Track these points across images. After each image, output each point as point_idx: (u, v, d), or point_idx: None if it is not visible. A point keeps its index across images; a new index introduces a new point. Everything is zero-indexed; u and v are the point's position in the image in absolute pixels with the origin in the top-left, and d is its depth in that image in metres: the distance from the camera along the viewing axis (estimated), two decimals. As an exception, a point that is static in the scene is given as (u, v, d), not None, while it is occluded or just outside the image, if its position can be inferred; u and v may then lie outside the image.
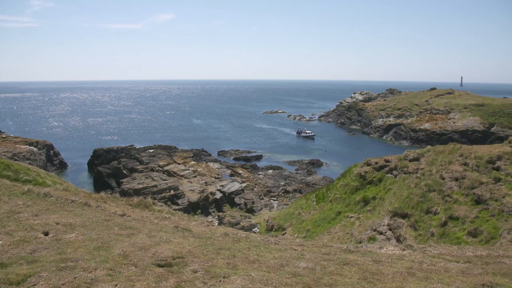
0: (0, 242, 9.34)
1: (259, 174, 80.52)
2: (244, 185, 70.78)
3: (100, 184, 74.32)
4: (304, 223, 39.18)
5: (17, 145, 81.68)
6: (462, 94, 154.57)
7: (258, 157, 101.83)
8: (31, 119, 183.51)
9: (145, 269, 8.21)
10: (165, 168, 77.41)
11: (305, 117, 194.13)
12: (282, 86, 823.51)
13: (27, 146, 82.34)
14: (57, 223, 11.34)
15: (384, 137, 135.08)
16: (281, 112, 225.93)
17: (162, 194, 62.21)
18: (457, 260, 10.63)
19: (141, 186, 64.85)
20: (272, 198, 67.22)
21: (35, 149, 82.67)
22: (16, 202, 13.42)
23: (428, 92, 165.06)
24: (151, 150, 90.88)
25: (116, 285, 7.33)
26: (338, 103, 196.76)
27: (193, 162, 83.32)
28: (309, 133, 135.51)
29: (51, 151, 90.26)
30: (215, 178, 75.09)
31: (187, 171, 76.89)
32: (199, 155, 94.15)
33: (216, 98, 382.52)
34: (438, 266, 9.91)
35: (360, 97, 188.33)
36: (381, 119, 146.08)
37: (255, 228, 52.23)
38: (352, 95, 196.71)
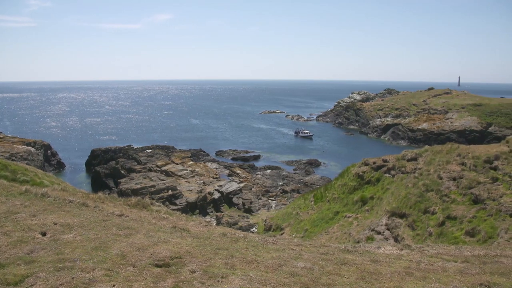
0: (-2, 242, 9.32)
1: (257, 174, 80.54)
2: (242, 185, 70.79)
3: (98, 184, 74.24)
4: (302, 223, 39.19)
5: (14, 145, 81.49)
6: (459, 94, 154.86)
7: (256, 157, 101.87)
8: (29, 119, 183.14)
9: (143, 269, 8.20)
10: (163, 168, 77.36)
11: (303, 117, 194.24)
12: (280, 86, 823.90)
13: (25, 146, 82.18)
14: (55, 224, 11.32)
15: (382, 137, 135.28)
16: (279, 112, 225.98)
17: (160, 194, 62.17)
18: (454, 259, 10.65)
19: (139, 186, 64.80)
20: (270, 198, 67.26)
21: (32, 149, 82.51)
22: (13, 203, 13.39)
23: (426, 92, 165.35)
24: (149, 150, 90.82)
25: (114, 286, 7.32)
26: (336, 103, 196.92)
27: (191, 162, 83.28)
28: (307, 133, 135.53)
29: (49, 151, 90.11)
30: (213, 178, 75.09)
31: (185, 171, 76.85)
32: (197, 155, 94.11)
33: (214, 98, 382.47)
34: (436, 265, 9.93)
35: (358, 97, 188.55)
36: (379, 119, 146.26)
37: (253, 228, 52.25)
38: (350, 95, 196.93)
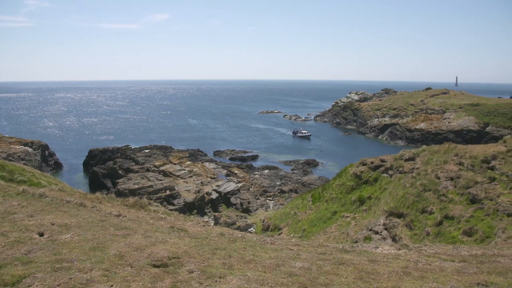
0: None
1: (255, 174, 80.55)
2: (240, 185, 70.80)
3: (95, 185, 74.11)
4: (300, 223, 39.20)
5: (12, 146, 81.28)
6: (457, 94, 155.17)
7: (254, 157, 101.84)
8: (26, 119, 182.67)
9: (140, 269, 8.20)
10: (161, 168, 77.28)
11: (300, 117, 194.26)
12: (279, 86, 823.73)
13: (22, 147, 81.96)
14: (52, 224, 11.30)
15: (379, 137, 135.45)
16: (277, 112, 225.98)
17: (158, 194, 62.10)
18: (452, 259, 10.67)
19: (136, 186, 64.73)
20: (268, 198, 67.27)
21: (30, 149, 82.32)
22: (11, 203, 13.36)
23: (424, 92, 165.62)
24: (147, 150, 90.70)
25: (111, 286, 7.31)
26: (333, 103, 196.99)
27: (189, 162, 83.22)
28: (305, 133, 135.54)
29: (46, 152, 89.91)
30: (211, 178, 75.05)
31: (183, 171, 76.79)
32: (195, 155, 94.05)
33: (212, 98, 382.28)
34: (434, 265, 9.95)
35: (356, 97, 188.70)
36: (377, 119, 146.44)
37: (251, 228, 52.25)
38: (348, 95, 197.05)
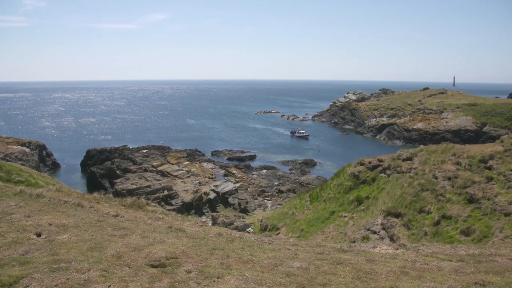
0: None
1: (253, 174, 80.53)
2: (238, 185, 70.76)
3: (93, 185, 73.99)
4: (298, 223, 39.22)
5: (9, 146, 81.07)
6: (454, 94, 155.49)
7: (252, 157, 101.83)
8: (24, 119, 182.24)
9: (138, 269, 8.19)
10: (159, 168, 77.20)
11: (298, 117, 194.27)
12: (276, 86, 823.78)
13: (19, 147, 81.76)
14: (50, 224, 11.28)
15: (377, 137, 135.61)
16: (274, 112, 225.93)
17: (156, 195, 62.05)
18: (450, 259, 10.70)
19: (134, 186, 64.65)
20: (266, 198, 67.26)
21: (27, 149, 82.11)
22: (8, 203, 13.33)
23: (421, 92, 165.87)
24: (145, 151, 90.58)
25: (109, 286, 7.30)
26: (331, 103, 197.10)
27: (186, 162, 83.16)
28: (303, 133, 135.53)
29: (44, 152, 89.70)
30: (209, 178, 75.01)
31: (181, 171, 76.74)
32: (193, 155, 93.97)
33: (210, 98, 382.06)
34: (431, 265, 9.97)
35: (354, 97, 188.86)
36: (374, 119, 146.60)
37: (249, 228, 52.25)
38: (346, 95, 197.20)
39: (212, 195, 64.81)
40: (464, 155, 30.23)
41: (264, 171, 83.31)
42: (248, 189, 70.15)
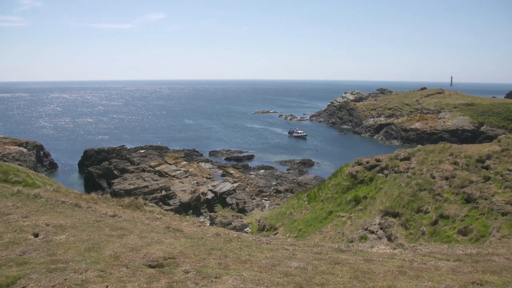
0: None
1: (250, 174, 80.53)
2: (235, 185, 70.75)
3: (91, 185, 73.86)
4: (296, 223, 39.22)
5: (6, 146, 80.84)
6: (452, 94, 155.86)
7: (250, 157, 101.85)
8: (21, 120, 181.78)
9: (136, 270, 8.18)
10: (157, 168, 77.12)
11: (296, 117, 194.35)
12: (274, 86, 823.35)
13: (17, 147, 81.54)
14: (47, 225, 11.26)
15: (375, 137, 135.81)
16: (272, 112, 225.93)
17: (154, 195, 61.98)
18: (447, 258, 10.72)
19: (132, 186, 64.57)
20: (263, 198, 67.27)
21: (24, 150, 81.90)
22: (5, 204, 13.30)
23: (419, 92, 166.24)
24: (142, 151, 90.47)
25: (107, 286, 7.29)
26: (329, 103, 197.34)
27: (184, 163, 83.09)
28: (301, 133, 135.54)
29: (41, 152, 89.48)
30: (207, 178, 74.97)
31: (179, 171, 76.68)
32: (191, 155, 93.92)
33: (207, 98, 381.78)
34: (429, 264, 9.99)
35: (351, 97, 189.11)
36: (372, 119, 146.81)
37: (247, 228, 52.24)
38: (343, 95, 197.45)
39: (210, 195, 64.78)
40: (461, 154, 30.28)
41: (262, 171, 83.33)
42: (246, 189, 70.15)
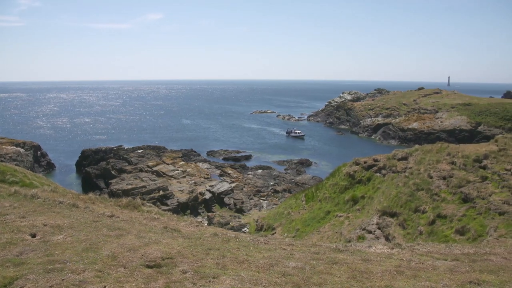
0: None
1: (248, 174, 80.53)
2: (233, 185, 70.75)
3: (88, 185, 73.73)
4: (294, 223, 39.24)
5: (3, 146, 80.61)
6: (449, 94, 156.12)
7: (248, 157, 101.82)
8: (18, 120, 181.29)
9: (134, 270, 8.17)
10: (154, 168, 77.04)
11: (294, 117, 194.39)
12: (272, 86, 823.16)
13: (14, 147, 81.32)
14: (45, 225, 11.23)
15: (372, 137, 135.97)
16: (270, 112, 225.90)
17: (151, 195, 61.90)
18: (445, 258, 10.74)
19: (130, 186, 64.47)
20: (261, 198, 67.28)
21: (22, 150, 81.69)
22: (2, 204, 13.26)
23: (416, 91, 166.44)
24: (140, 151, 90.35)
25: (104, 287, 7.28)
26: (327, 103, 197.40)
27: (182, 163, 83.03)
28: (299, 133, 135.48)
29: (39, 152, 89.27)
30: (205, 178, 74.93)
31: (176, 171, 76.61)
32: (188, 155, 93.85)
33: (205, 98, 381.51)
34: (426, 264, 10.00)
35: (349, 97, 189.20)
36: (370, 119, 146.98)
37: (245, 228, 52.24)
38: (341, 94, 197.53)
39: (208, 195, 64.75)
40: (458, 154, 30.35)
41: (260, 171, 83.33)
42: (244, 189, 70.15)
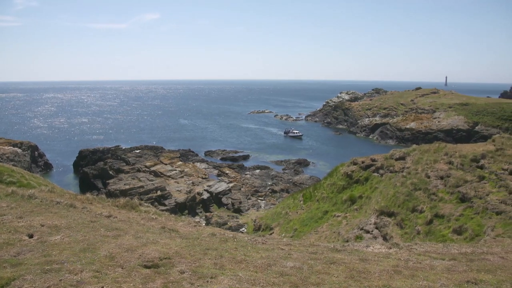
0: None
1: (246, 174, 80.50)
2: (231, 185, 70.71)
3: (86, 185, 73.55)
4: (292, 223, 39.26)
5: (0, 146, 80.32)
6: (446, 94, 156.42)
7: (245, 157, 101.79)
8: (15, 120, 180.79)
9: (131, 270, 8.16)
10: (152, 168, 76.95)
11: (291, 117, 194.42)
12: (269, 86, 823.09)
13: (11, 147, 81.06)
14: (42, 225, 11.21)
15: (370, 137, 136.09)
16: (267, 112, 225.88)
17: (149, 195, 61.83)
18: (442, 257, 10.76)
19: (127, 187, 64.38)
20: (259, 198, 67.25)
21: (19, 150, 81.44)
22: (-1, 204, 13.23)
23: (414, 91, 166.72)
24: (138, 151, 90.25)
25: (102, 287, 7.27)
26: (324, 103, 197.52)
27: (180, 163, 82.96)
28: (297, 133, 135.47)
29: (36, 152, 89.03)
30: (202, 178, 74.88)
31: (174, 171, 76.54)
32: (186, 155, 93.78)
33: (203, 98, 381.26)
34: (424, 263, 10.03)
35: (347, 97, 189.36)
36: (367, 119, 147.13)
37: (243, 228, 52.22)
38: (339, 94, 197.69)
39: (206, 195, 64.70)
40: (456, 154, 30.41)
41: (258, 171, 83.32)
42: (242, 189, 70.12)
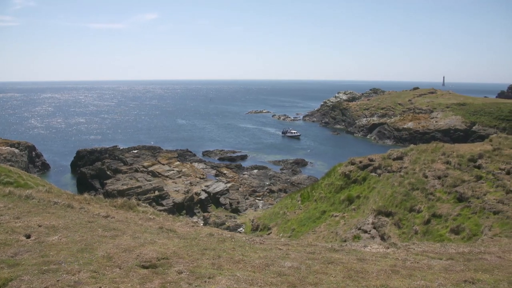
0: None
1: (244, 174, 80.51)
2: (229, 185, 70.70)
3: (83, 186, 73.43)
4: (289, 223, 39.27)
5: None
6: (444, 94, 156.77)
7: (243, 157, 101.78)
8: (12, 120, 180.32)
9: (129, 270, 8.15)
10: (150, 168, 76.88)
11: (289, 117, 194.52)
12: (267, 86, 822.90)
13: (8, 148, 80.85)
14: (40, 226, 11.18)
15: (368, 136, 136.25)
16: (265, 112, 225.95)
17: (147, 195, 61.77)
18: (440, 257, 10.78)
19: (125, 187, 64.31)
20: (257, 198, 67.27)
21: (16, 150, 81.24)
22: (-4, 205, 13.19)
23: (411, 91, 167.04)
24: (135, 151, 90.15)
25: (100, 287, 7.26)
26: (322, 103, 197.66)
27: (177, 163, 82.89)
28: (294, 133, 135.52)
29: (33, 153, 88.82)
30: (200, 178, 74.84)
31: (172, 171, 76.48)
32: (184, 156, 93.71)
33: (201, 98, 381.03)
34: (422, 263, 10.04)
35: (344, 97, 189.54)
36: (365, 119, 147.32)
37: (240, 228, 52.23)
38: (336, 94, 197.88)
39: (203, 195, 64.67)
40: (453, 154, 30.47)
41: (255, 171, 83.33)
42: (239, 189, 70.13)
